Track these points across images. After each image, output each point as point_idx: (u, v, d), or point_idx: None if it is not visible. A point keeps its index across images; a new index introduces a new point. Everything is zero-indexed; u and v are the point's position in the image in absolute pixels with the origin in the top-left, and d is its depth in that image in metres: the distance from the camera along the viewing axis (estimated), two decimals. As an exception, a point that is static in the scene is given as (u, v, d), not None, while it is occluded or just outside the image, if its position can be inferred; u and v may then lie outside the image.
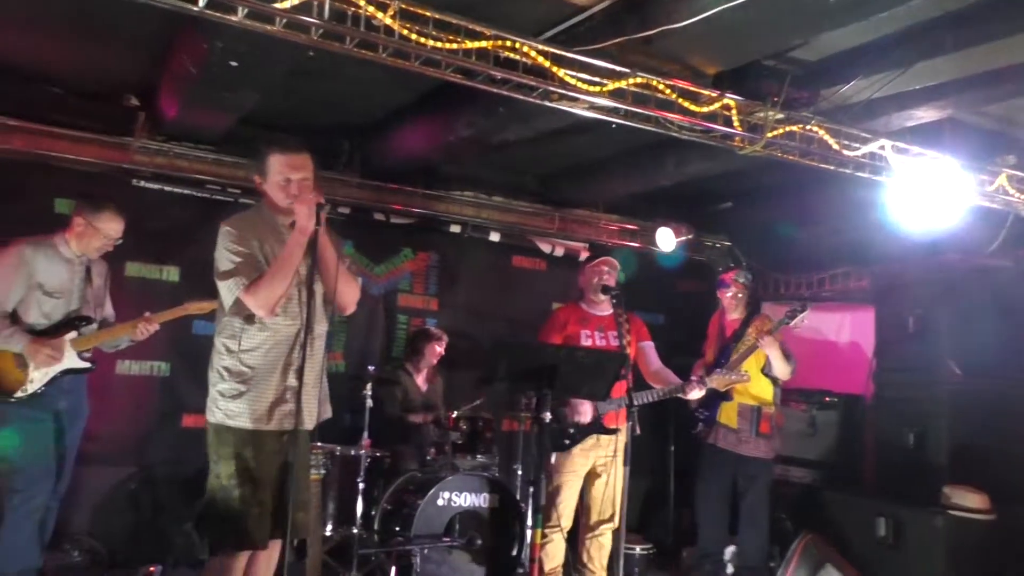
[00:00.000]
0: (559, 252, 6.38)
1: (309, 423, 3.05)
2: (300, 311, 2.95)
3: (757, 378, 5.01)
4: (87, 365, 3.96)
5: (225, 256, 2.92)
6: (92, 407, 4.19)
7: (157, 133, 5.04)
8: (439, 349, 5.48)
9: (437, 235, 6.04)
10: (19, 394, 3.74)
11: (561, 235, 6.31)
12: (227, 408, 2.91)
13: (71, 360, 3.86)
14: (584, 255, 6.14)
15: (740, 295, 5.13)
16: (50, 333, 3.83)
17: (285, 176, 2.96)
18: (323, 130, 5.31)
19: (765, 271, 6.57)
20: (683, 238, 6.17)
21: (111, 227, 3.94)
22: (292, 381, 2.93)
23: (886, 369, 5.08)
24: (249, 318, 2.93)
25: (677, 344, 5.51)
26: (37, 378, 3.77)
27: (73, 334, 3.88)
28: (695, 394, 4.33)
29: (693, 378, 4.33)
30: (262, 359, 2.93)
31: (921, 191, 4.27)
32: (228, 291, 2.90)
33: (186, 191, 5.22)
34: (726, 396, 4.94)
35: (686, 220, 6.32)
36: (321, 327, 3.09)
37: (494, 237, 6.16)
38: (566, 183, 6.04)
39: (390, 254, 5.94)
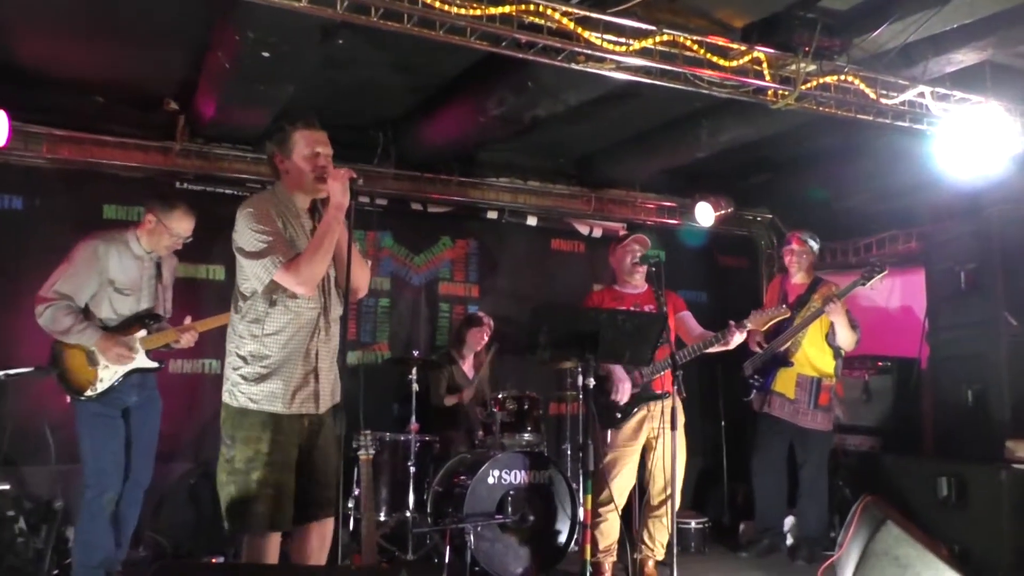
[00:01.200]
0: (597, 233, 6.36)
1: (324, 407, 3.02)
2: (320, 295, 2.96)
3: (821, 349, 4.93)
4: (155, 365, 3.98)
5: (252, 236, 2.84)
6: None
7: (197, 135, 5.17)
8: (482, 336, 5.50)
9: (475, 222, 6.07)
10: (89, 392, 3.80)
11: (598, 216, 6.30)
12: (250, 392, 2.87)
13: (140, 360, 3.91)
14: (623, 235, 6.11)
15: (804, 256, 5.06)
16: (120, 330, 3.87)
17: (314, 150, 2.95)
18: (357, 124, 5.39)
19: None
20: (722, 212, 6.09)
21: (181, 226, 3.99)
22: (312, 364, 2.94)
23: (940, 328, 4.93)
24: (272, 301, 2.88)
25: (721, 322, 5.43)
26: (106, 377, 3.83)
27: (143, 332, 3.92)
28: (736, 339, 4.21)
29: (732, 323, 4.22)
30: (285, 343, 2.89)
31: (964, 138, 4.16)
32: (264, 270, 2.81)
33: (228, 191, 5.32)
34: (786, 363, 4.86)
35: (725, 194, 6.24)
36: (336, 311, 3.05)
37: (531, 221, 6.17)
38: (601, 163, 6.03)
39: (429, 243, 5.98)
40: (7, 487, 3.48)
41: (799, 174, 6.00)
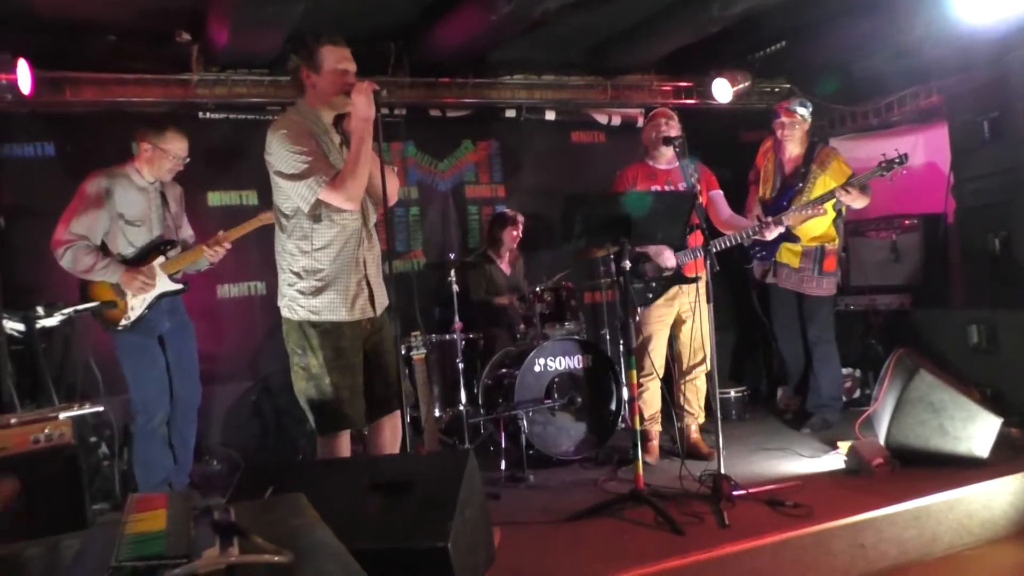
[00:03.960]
0: (616, 121, 6.38)
1: (380, 310, 3.23)
2: (358, 206, 3.08)
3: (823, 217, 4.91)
4: (180, 287, 4.17)
5: (290, 158, 2.92)
6: (203, 331, 4.51)
7: (212, 64, 5.21)
8: (515, 233, 5.65)
9: (494, 123, 6.11)
10: (124, 322, 4.00)
11: (616, 104, 6.29)
12: (310, 305, 3.04)
13: (164, 284, 4.09)
14: (642, 120, 6.12)
15: (797, 126, 4.82)
16: (138, 260, 4.04)
17: (343, 66, 3.03)
18: (368, 36, 5.36)
19: (829, 106, 6.41)
20: (740, 86, 6.05)
21: (177, 146, 4.08)
22: (362, 271, 3.12)
23: (965, 180, 4.95)
24: (316, 217, 3.00)
25: (745, 198, 5.48)
26: (136, 305, 4.02)
27: (161, 259, 4.09)
28: (773, 234, 4.37)
29: (769, 218, 4.36)
30: (336, 255, 3.04)
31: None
32: (308, 190, 2.91)
33: (250, 116, 5.42)
34: (791, 238, 4.81)
35: (741, 68, 6.17)
36: (372, 219, 3.22)
37: (550, 116, 6.19)
38: (614, 50, 5.95)
39: (452, 148, 6.06)
40: (101, 409, 3.71)
41: (814, 39, 5.87)
